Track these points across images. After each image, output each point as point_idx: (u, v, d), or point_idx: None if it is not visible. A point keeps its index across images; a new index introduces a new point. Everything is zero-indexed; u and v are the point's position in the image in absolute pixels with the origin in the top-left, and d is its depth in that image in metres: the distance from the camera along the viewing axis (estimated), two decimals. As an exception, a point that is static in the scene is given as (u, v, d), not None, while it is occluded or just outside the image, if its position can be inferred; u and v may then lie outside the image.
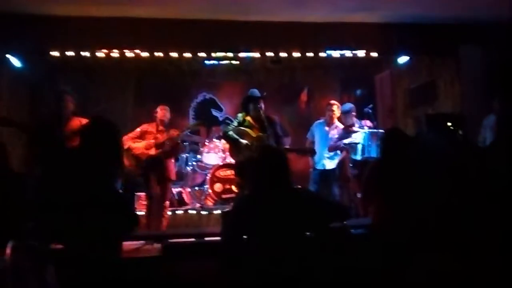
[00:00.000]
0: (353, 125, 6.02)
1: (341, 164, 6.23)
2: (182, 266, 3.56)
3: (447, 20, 5.91)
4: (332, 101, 6.48)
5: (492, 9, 5.53)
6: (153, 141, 5.62)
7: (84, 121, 5.24)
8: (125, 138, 5.58)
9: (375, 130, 5.73)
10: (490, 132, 5.23)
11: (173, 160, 5.96)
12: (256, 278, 2.63)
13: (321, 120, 6.47)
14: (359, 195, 5.95)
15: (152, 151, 5.60)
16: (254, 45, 6.10)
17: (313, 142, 6.37)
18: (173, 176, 5.89)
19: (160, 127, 5.75)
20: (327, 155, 6.25)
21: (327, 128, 6.32)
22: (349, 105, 6.18)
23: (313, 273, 2.68)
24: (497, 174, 3.14)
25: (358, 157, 5.72)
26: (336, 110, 6.29)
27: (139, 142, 5.63)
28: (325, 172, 6.26)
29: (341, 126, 6.23)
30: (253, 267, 2.66)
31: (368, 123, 6.11)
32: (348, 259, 3.41)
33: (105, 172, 2.93)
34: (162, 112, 5.79)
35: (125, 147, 5.53)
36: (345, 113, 6.08)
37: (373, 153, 5.57)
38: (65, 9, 5.44)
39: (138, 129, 5.75)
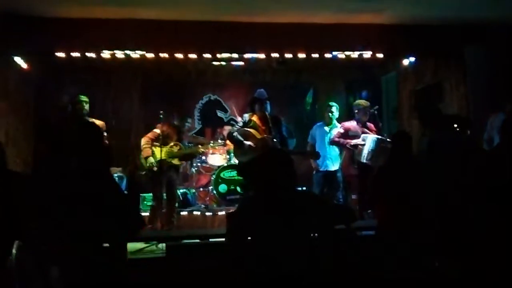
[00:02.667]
0: (365, 123, 5.97)
1: (343, 165, 6.20)
2: (186, 267, 3.56)
3: (453, 21, 5.88)
4: (331, 103, 6.46)
5: (498, 10, 5.50)
6: (177, 150, 5.67)
7: (98, 122, 5.29)
8: (145, 138, 5.64)
9: (383, 138, 5.69)
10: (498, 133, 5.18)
11: None
12: (260, 279, 2.62)
13: (319, 123, 6.48)
14: (353, 197, 5.95)
15: (176, 161, 5.67)
16: (260, 46, 6.10)
17: (313, 145, 6.35)
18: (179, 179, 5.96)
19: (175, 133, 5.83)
20: (329, 155, 6.22)
21: (326, 129, 6.31)
22: (366, 102, 6.10)
23: (317, 274, 2.67)
24: (506, 175, 3.11)
25: (363, 159, 5.68)
26: (335, 111, 6.30)
27: (159, 147, 5.61)
28: (329, 174, 6.23)
29: (339, 126, 6.22)
30: (257, 268, 2.65)
31: (372, 126, 6.06)
32: (354, 261, 3.40)
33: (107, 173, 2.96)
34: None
35: (151, 149, 5.58)
36: (363, 109, 5.99)
37: (379, 159, 5.57)
38: (71, 11, 5.46)
39: (158, 131, 5.70)
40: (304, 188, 6.32)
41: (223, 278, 2.82)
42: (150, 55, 6.07)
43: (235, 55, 6.64)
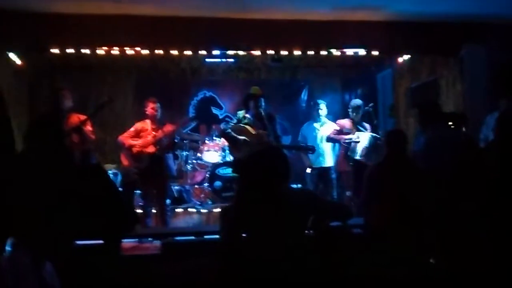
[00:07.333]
0: (359, 122, 6.05)
1: (337, 161, 6.22)
2: (181, 264, 3.54)
3: (449, 19, 5.88)
4: (319, 100, 6.57)
5: (497, 8, 5.50)
6: (150, 138, 5.57)
7: (82, 117, 5.29)
8: (122, 137, 5.59)
9: (378, 136, 5.78)
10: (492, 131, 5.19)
11: (171, 156, 5.93)
12: (254, 275, 2.61)
13: (309, 122, 6.55)
14: (348, 193, 5.99)
15: (151, 149, 5.55)
16: (255, 43, 6.06)
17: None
18: (173, 173, 5.86)
19: (154, 124, 5.67)
20: (322, 151, 6.23)
21: (316, 125, 6.37)
22: (360, 101, 6.22)
23: (312, 272, 2.67)
24: (500, 172, 3.11)
25: (357, 156, 5.74)
26: (324, 108, 6.39)
27: (136, 141, 5.58)
28: (323, 171, 6.24)
29: (331, 123, 6.25)
30: (251, 264, 2.64)
31: (367, 126, 6.12)
32: (348, 259, 3.39)
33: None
34: (152, 108, 5.66)
35: (125, 145, 5.53)
36: (356, 108, 6.08)
37: (373, 156, 5.64)
38: (66, 6, 5.41)
39: (132, 129, 5.67)
40: (300, 186, 6.33)
41: (218, 275, 2.81)
42: (145, 52, 6.03)
43: (231, 52, 6.61)
